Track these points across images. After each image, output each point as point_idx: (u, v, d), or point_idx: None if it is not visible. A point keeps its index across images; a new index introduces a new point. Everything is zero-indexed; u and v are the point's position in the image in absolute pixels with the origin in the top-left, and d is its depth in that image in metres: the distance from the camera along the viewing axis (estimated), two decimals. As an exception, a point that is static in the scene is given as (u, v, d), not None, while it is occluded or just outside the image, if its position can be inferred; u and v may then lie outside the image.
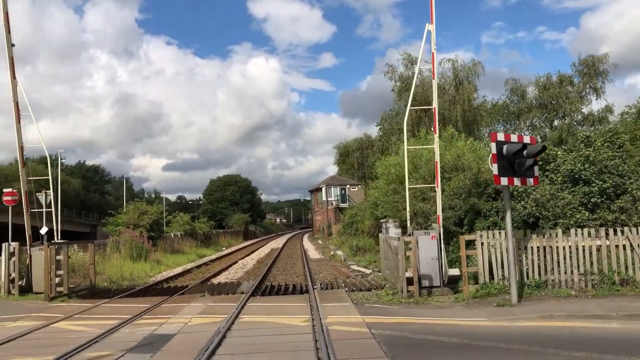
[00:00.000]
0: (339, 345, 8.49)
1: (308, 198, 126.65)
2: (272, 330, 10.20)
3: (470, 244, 13.74)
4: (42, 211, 20.74)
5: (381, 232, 32.14)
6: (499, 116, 43.72)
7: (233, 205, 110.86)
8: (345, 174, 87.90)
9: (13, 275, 17.50)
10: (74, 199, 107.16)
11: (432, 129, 15.42)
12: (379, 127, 55.83)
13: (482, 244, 13.55)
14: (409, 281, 13.57)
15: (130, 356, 8.56)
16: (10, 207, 25.58)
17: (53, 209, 20.12)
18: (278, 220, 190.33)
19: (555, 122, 42.71)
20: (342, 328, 10.03)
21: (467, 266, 13.51)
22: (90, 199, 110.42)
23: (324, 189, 75.08)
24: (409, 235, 14.59)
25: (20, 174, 18.21)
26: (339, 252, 35.83)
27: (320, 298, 14.00)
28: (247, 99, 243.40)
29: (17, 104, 17.65)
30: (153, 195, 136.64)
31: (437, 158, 15.13)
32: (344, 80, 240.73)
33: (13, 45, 17.62)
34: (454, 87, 33.51)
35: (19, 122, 17.77)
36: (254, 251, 45.06)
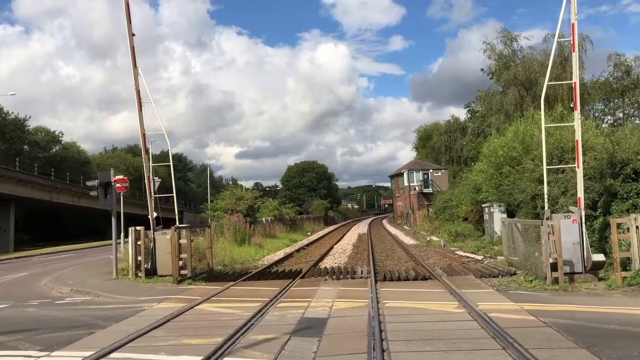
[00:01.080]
0: (517, 334, 7.99)
1: (379, 184, 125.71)
2: (428, 317, 9.84)
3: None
4: (155, 196, 21.20)
5: (483, 217, 31.16)
6: (601, 93, 41.19)
7: (310, 191, 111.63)
8: (425, 158, 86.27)
9: (139, 258, 18.06)
10: (160, 186, 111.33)
11: (572, 105, 14.37)
12: (467, 109, 54.32)
13: (638, 227, 12.53)
14: (553, 267, 12.79)
15: (297, 340, 8.42)
16: (121, 194, 26.64)
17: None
18: (350, 206, 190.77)
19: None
20: (503, 315, 9.52)
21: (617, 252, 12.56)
22: (175, 186, 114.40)
23: (405, 174, 73.87)
24: (547, 219, 13.74)
25: (143, 160, 18.65)
26: (435, 238, 35.04)
27: (454, 284, 13.50)
28: (316, 85, 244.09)
29: (138, 92, 18.09)
30: (230, 183, 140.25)
31: (579, 136, 14.14)
32: (414, 64, 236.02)
33: (133, 34, 18.02)
34: (559, 64, 31.67)
35: (141, 110, 18.21)
36: (343, 236, 44.98)
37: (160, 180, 27.88)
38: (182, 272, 17.55)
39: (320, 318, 10.08)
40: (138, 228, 18.46)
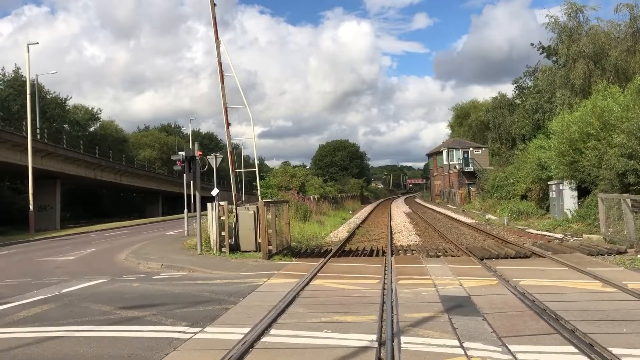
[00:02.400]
0: None
1: (402, 163, 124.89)
2: (583, 296, 9.27)
3: None
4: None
5: (547, 195, 30.25)
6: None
7: (342, 170, 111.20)
8: (462, 136, 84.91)
9: (223, 234, 17.76)
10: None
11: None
12: (516, 85, 52.91)
13: None
14: None
15: (460, 318, 7.92)
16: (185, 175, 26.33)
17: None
18: (375, 185, 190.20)
19: None
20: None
21: None
22: (204, 166, 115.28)
23: (445, 153, 72.82)
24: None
25: (225, 134, 18.23)
26: (493, 217, 34.26)
27: (571, 262, 12.87)
28: (338, 65, 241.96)
29: (220, 64, 17.63)
30: (257, 162, 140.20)
31: None
32: (438, 42, 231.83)
33: (215, 4, 17.50)
34: (630, 35, 30.31)
35: (223, 83, 17.76)
36: (391, 214, 44.38)
37: (221, 157, 27.63)
38: (269, 247, 17.24)
39: (461, 296, 9.57)
40: (222, 203, 18.11)
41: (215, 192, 27.48)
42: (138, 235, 31.77)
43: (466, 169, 69.09)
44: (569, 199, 26.53)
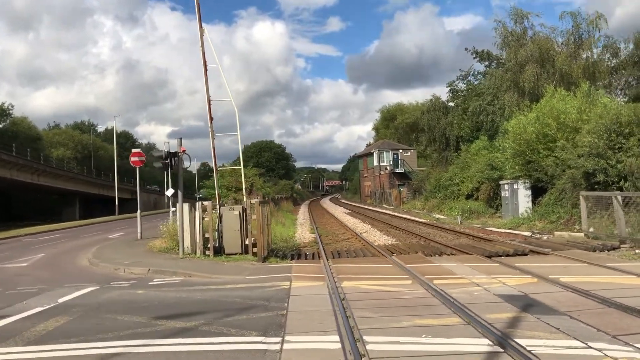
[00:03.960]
0: None
1: (320, 165, 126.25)
2: (634, 291, 9.25)
3: None
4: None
5: (498, 194, 31.14)
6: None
7: (269, 172, 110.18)
8: (389, 138, 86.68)
9: (207, 235, 16.66)
10: (110, 164, 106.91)
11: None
12: (450, 87, 54.55)
13: None
14: None
15: (545, 317, 7.61)
16: (137, 169, 24.82)
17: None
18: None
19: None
20: None
21: None
22: (124, 165, 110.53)
23: (375, 154, 73.84)
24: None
25: (209, 129, 17.06)
26: (441, 216, 34.91)
27: (585, 258, 13.05)
28: (252, 65, 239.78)
29: (204, 54, 16.54)
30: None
31: None
32: (351, 45, 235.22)
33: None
34: (572, 42, 31.88)
35: (206, 74, 16.67)
36: (336, 215, 44.17)
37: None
38: (255, 249, 16.36)
39: (518, 295, 9.31)
40: (205, 203, 16.99)
41: (170, 192, 26.03)
42: (77, 239, 29.47)
43: (397, 170, 70.43)
44: (523, 198, 27.33)
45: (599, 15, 31.40)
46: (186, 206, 18.53)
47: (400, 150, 73.35)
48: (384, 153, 73.18)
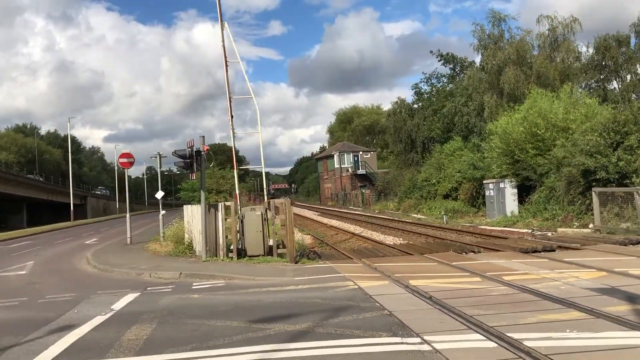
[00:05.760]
0: None
1: (267, 169, 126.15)
2: None
3: None
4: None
5: (480, 193, 31.67)
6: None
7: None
8: (346, 140, 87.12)
9: (229, 237, 16.04)
10: (55, 169, 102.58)
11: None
12: (414, 90, 55.43)
13: None
14: None
15: None
16: (126, 171, 23.80)
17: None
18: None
19: (615, 84, 42.67)
20: None
21: None
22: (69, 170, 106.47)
23: (336, 156, 73.95)
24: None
25: (229, 126, 16.41)
26: (421, 216, 35.17)
27: (622, 252, 13.30)
28: (193, 67, 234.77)
29: (224, 48, 15.91)
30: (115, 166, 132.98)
31: None
32: (293, 49, 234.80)
33: (217, -18, 15.79)
34: (548, 45, 32.87)
35: (227, 70, 16.06)
36: (309, 217, 43.83)
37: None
38: (281, 250, 15.90)
39: (606, 288, 9.30)
40: (227, 204, 16.35)
41: (159, 194, 25.05)
42: (53, 246, 27.86)
43: (358, 172, 70.79)
44: (510, 197, 27.85)
45: (574, 19, 32.58)
46: (197, 208, 17.85)
47: (361, 152, 73.82)
48: (345, 155, 73.42)
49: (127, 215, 23.85)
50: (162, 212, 24.52)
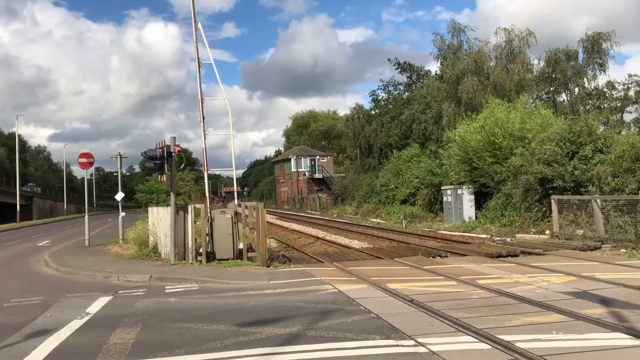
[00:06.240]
0: None
1: (216, 171, 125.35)
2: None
3: None
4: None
5: (438, 199, 32.33)
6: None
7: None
8: (302, 144, 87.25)
9: (199, 240, 15.85)
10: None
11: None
12: (372, 97, 56.22)
13: None
14: None
15: (635, 310, 8.00)
16: (86, 171, 23.21)
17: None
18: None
19: (563, 96, 44.40)
20: None
21: None
22: (14, 168, 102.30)
23: (293, 160, 73.90)
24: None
25: (201, 127, 16.20)
26: (381, 221, 35.57)
27: (583, 257, 13.87)
28: (143, 67, 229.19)
29: (197, 49, 15.76)
30: (70, 166, 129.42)
31: None
32: (246, 52, 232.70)
33: (191, -18, 15.62)
34: (505, 56, 33.94)
35: (200, 71, 15.88)
36: (274, 222, 43.54)
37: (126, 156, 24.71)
38: (251, 254, 15.83)
39: (579, 292, 9.69)
40: (198, 206, 16.14)
41: (119, 196, 24.47)
42: (3, 249, 26.73)
43: (315, 176, 70.99)
44: (467, 203, 28.60)
45: (529, 32, 33.76)
46: (164, 210, 17.56)
47: (318, 157, 74.06)
48: (302, 159, 73.46)
49: (86, 216, 23.17)
50: (122, 213, 23.95)
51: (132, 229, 22.16)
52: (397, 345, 6.70)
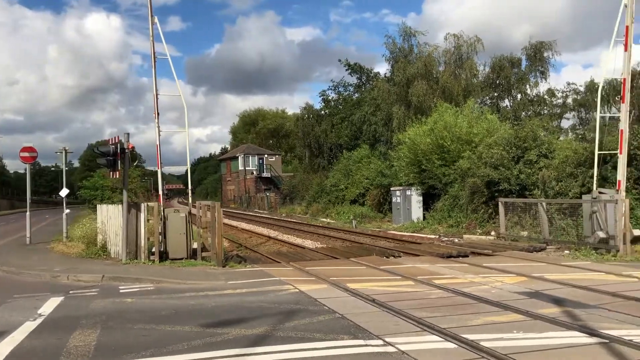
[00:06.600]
0: None
1: (150, 167, 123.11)
2: (620, 286, 10.52)
3: None
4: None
5: (387, 200, 32.83)
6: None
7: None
8: (249, 143, 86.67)
9: (152, 239, 15.50)
10: None
11: (621, 98, 15.95)
12: (322, 97, 56.49)
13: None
14: (633, 240, 14.52)
15: (589, 310, 8.42)
16: (28, 166, 22.37)
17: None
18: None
19: (506, 102, 45.98)
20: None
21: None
22: None
23: (240, 158, 73.25)
24: (594, 198, 15.44)
25: (155, 124, 15.81)
26: (331, 220, 35.79)
27: (530, 258, 14.44)
28: (83, 58, 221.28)
29: (153, 43, 15.41)
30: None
31: (624, 126, 15.66)
32: (192, 46, 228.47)
33: (148, -26, 15.27)
34: (453, 62, 34.83)
35: (155, 66, 15.53)
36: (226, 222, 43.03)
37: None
38: (205, 254, 15.62)
39: (532, 292, 10.08)
40: (151, 204, 15.77)
41: (64, 192, 23.62)
42: None
43: (263, 175, 70.65)
44: (416, 204, 29.19)
45: (477, 39, 34.78)
46: (114, 207, 17.11)
47: (266, 155, 73.71)
48: (250, 157, 72.94)
49: (28, 212, 22.20)
50: (67, 210, 23.08)
51: (78, 226, 21.42)
52: (367, 345, 6.79)
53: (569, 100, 47.01)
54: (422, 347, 6.70)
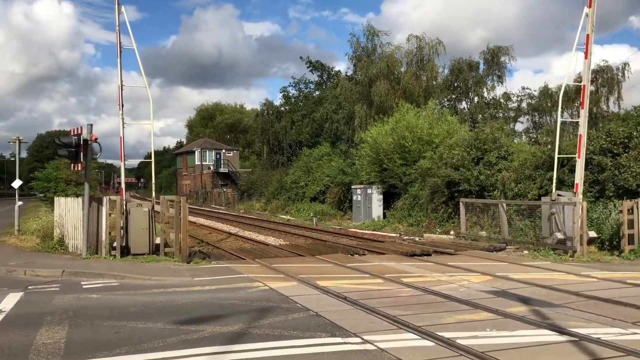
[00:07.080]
0: None
1: (108, 161, 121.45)
2: (595, 285, 10.88)
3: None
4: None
5: (348, 198, 33.00)
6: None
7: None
8: (207, 137, 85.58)
9: (113, 234, 15.11)
10: None
11: (580, 104, 16.47)
12: (282, 94, 56.30)
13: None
14: (589, 241, 15.03)
15: (556, 309, 8.69)
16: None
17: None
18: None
19: (464, 104, 46.85)
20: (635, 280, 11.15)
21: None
22: None
23: (197, 152, 72.23)
24: (553, 200, 15.94)
25: (119, 116, 15.37)
26: (291, 217, 35.74)
27: (492, 258, 14.80)
28: (31, 44, 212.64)
29: (119, 33, 14.99)
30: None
31: (583, 131, 16.17)
32: (147, 37, 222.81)
33: (114, -39, 14.85)
34: (415, 63, 35.29)
35: (120, 56, 15.11)
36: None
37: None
38: (166, 249, 15.34)
39: (500, 291, 10.32)
40: (113, 198, 15.36)
41: (17, 183, 22.77)
42: None
43: (220, 170, 69.87)
44: (376, 202, 29.47)
45: (439, 41, 35.34)
46: (72, 201, 16.62)
47: (224, 150, 72.91)
48: (207, 152, 71.99)
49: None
50: (19, 202, 22.25)
51: (33, 219, 20.66)
52: (345, 343, 6.81)
53: (524, 104, 48.26)
54: (400, 344, 6.76)
